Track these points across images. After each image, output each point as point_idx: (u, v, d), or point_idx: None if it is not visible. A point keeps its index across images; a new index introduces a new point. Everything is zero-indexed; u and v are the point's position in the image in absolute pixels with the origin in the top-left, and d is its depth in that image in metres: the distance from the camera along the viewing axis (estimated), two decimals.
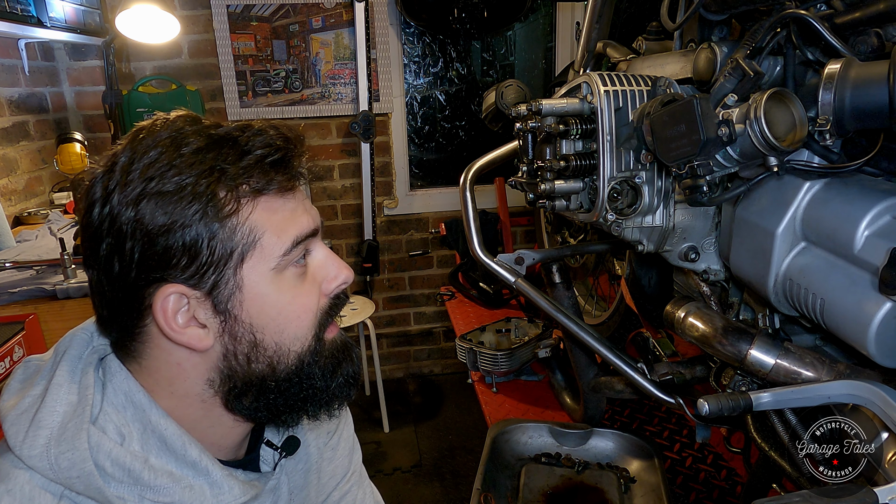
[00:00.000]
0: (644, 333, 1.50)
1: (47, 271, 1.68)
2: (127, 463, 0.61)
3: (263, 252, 0.64)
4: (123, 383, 0.66)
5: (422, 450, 2.85)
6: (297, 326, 0.68)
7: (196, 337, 0.64)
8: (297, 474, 0.83)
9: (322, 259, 0.72)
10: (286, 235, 0.66)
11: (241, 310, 0.65)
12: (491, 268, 1.31)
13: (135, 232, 0.60)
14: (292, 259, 0.67)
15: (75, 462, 0.59)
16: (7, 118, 2.33)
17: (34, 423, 0.60)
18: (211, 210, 0.61)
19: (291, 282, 0.67)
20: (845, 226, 0.69)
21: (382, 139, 3.18)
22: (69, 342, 0.68)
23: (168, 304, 0.62)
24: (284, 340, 0.68)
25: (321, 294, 0.71)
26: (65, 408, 0.62)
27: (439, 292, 3.14)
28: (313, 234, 0.70)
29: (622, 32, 1.94)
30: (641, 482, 1.37)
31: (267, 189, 0.64)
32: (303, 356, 0.69)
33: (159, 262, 0.61)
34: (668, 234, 1.00)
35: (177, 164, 0.61)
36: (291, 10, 2.93)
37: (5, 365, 1.22)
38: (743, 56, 0.78)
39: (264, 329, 0.66)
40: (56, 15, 2.19)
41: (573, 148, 1.03)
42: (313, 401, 0.72)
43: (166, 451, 0.65)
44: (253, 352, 0.66)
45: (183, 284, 0.62)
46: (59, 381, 0.63)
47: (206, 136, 0.64)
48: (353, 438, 0.99)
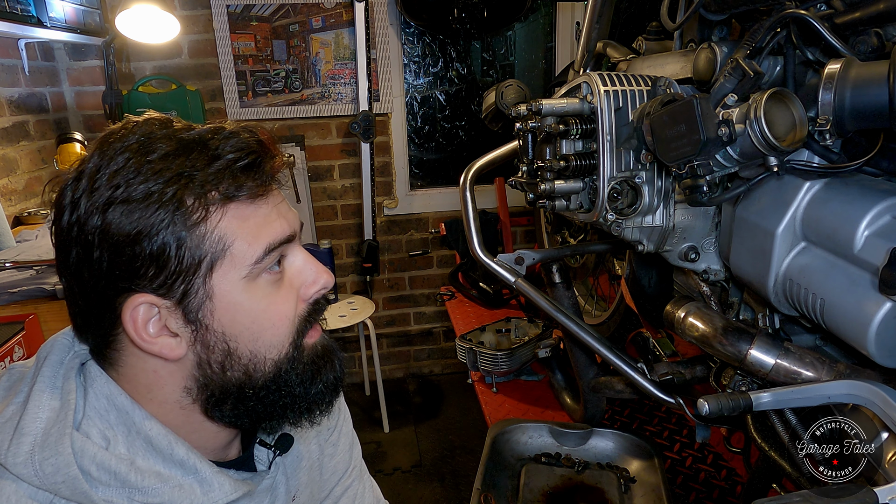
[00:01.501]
0: (644, 333, 1.50)
1: (47, 271, 1.68)
2: (112, 466, 0.61)
3: (234, 260, 0.63)
4: (105, 387, 0.65)
5: (422, 450, 2.86)
6: (272, 335, 0.66)
7: (168, 346, 0.63)
8: (299, 472, 0.83)
9: (299, 264, 0.70)
10: (258, 243, 0.64)
11: (213, 319, 0.63)
12: (491, 268, 1.31)
13: (102, 240, 0.59)
14: (265, 266, 0.65)
15: (59, 467, 0.58)
16: (7, 118, 2.33)
17: (17, 431, 0.60)
18: (178, 218, 0.60)
19: (266, 289, 0.66)
20: (845, 226, 0.69)
21: (382, 139, 3.18)
22: (50, 348, 0.68)
23: (138, 314, 0.62)
24: (259, 349, 0.66)
25: (299, 300, 0.69)
26: (47, 413, 0.61)
27: (439, 292, 3.14)
28: (288, 241, 0.67)
29: (622, 32, 1.95)
30: (641, 482, 1.37)
31: (237, 195, 0.63)
32: (280, 363, 0.68)
33: (127, 272, 0.60)
34: (668, 234, 1.00)
35: (144, 170, 0.60)
36: (291, 10, 2.93)
37: (5, 365, 1.22)
38: (743, 56, 0.78)
39: (238, 338, 0.65)
40: (56, 15, 2.19)
41: (573, 148, 1.03)
42: (293, 408, 0.70)
43: (153, 451, 0.65)
44: (227, 360, 0.65)
45: (152, 294, 0.61)
46: (40, 388, 0.63)
47: (176, 141, 0.62)
48: (352, 434, 0.99)
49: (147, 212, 0.59)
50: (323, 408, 0.73)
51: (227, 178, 0.62)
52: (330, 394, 0.73)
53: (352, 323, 2.82)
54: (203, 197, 0.61)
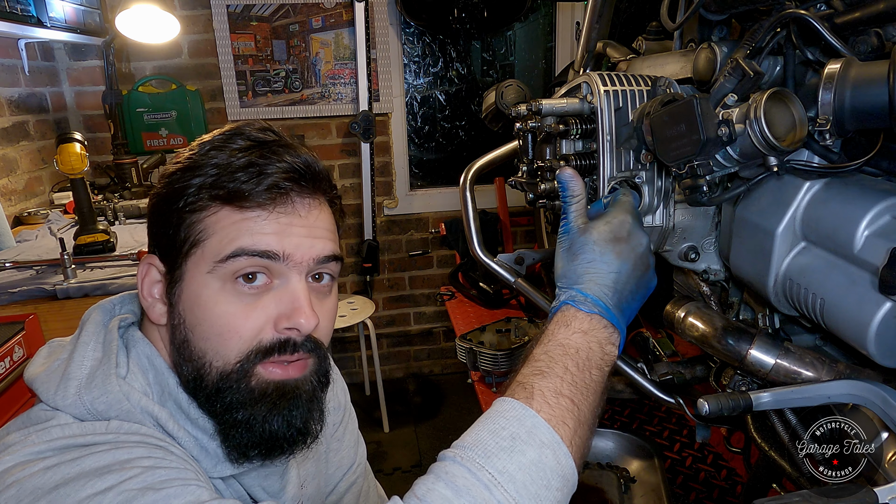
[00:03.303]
0: (644, 333, 1.50)
1: (47, 271, 1.68)
2: (155, 412, 0.65)
3: (204, 253, 0.67)
4: (146, 348, 0.70)
5: (422, 450, 2.85)
6: (218, 343, 0.66)
7: (156, 311, 0.70)
8: (307, 463, 0.85)
9: (289, 293, 0.68)
10: (231, 245, 0.65)
11: (180, 301, 0.69)
12: (491, 268, 1.30)
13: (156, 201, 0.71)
14: (231, 270, 0.65)
15: (111, 404, 0.63)
16: (7, 118, 2.33)
17: (64, 378, 0.65)
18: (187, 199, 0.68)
19: (231, 297, 0.66)
20: (845, 226, 0.69)
21: (382, 139, 3.18)
22: (92, 311, 0.73)
23: (144, 272, 0.71)
24: (208, 350, 0.67)
25: (266, 325, 0.67)
26: (91, 362, 0.66)
27: (439, 292, 3.14)
28: (268, 257, 0.66)
29: (622, 32, 1.95)
30: (641, 482, 1.37)
31: (237, 200, 0.67)
32: (223, 377, 0.66)
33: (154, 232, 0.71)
34: (668, 234, 1.00)
35: (209, 153, 0.69)
36: (291, 10, 2.93)
37: (5, 365, 1.22)
38: (743, 56, 0.78)
39: (193, 330, 0.68)
40: (56, 15, 2.19)
41: (573, 148, 1.02)
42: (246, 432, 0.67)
43: (182, 414, 0.68)
44: (184, 347, 0.68)
45: (159, 259, 0.71)
46: (84, 341, 0.68)
47: (252, 140, 0.70)
48: (357, 433, 1.01)
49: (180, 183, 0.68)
50: (284, 448, 0.69)
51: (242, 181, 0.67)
52: (283, 439, 0.68)
53: (352, 323, 2.82)
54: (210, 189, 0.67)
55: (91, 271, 1.68)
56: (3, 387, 1.20)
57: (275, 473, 0.75)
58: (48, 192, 2.58)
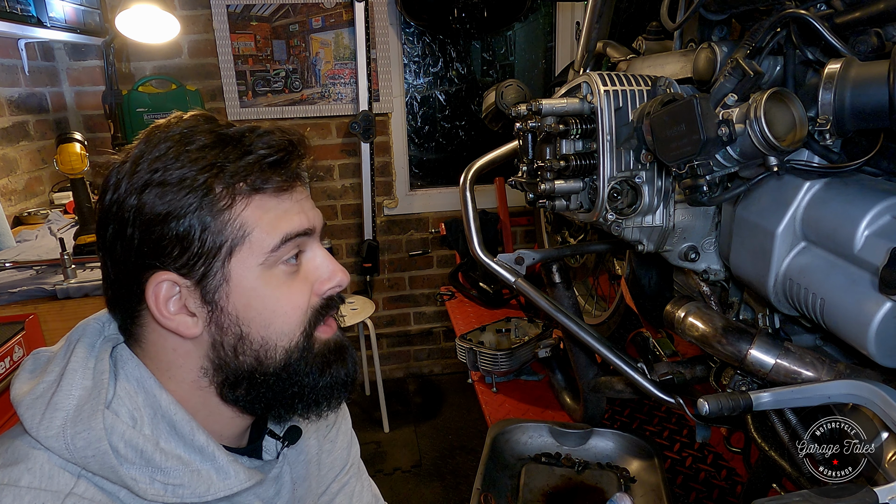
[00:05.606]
0: (644, 333, 1.50)
1: (47, 271, 1.68)
2: (140, 445, 0.64)
3: (252, 247, 0.67)
4: (135, 370, 0.69)
5: (422, 450, 2.85)
6: (283, 322, 0.69)
7: (184, 324, 0.67)
8: (298, 465, 0.85)
9: (317, 260, 0.73)
10: (276, 233, 0.68)
11: (228, 302, 0.67)
12: (491, 268, 1.31)
13: (136, 219, 0.64)
14: (281, 256, 0.69)
15: (91, 441, 0.61)
16: (7, 118, 2.33)
17: (50, 406, 0.63)
18: (206, 203, 0.64)
19: (280, 279, 0.69)
20: (845, 226, 0.69)
21: (382, 139, 3.18)
22: (82, 331, 0.71)
23: (160, 291, 0.66)
24: (271, 335, 0.69)
25: (313, 293, 0.72)
26: (80, 392, 0.64)
27: (439, 292, 3.14)
28: (306, 234, 0.71)
29: (622, 32, 1.94)
30: (641, 482, 1.37)
31: (263, 188, 0.67)
32: (290, 352, 0.70)
33: (154, 250, 0.65)
34: (668, 234, 1.00)
35: (181, 158, 0.65)
36: (291, 10, 2.93)
37: (5, 365, 1.22)
38: (743, 56, 0.78)
39: (250, 322, 0.68)
40: (56, 15, 2.19)
41: (573, 148, 1.03)
42: (302, 398, 0.72)
43: (175, 435, 0.67)
44: (240, 344, 0.68)
45: (175, 273, 0.66)
46: (73, 367, 0.66)
47: (215, 135, 0.67)
48: (350, 433, 1.01)
49: (178, 195, 0.64)
50: (332, 402, 0.75)
51: (255, 172, 0.66)
52: (339, 389, 0.75)
53: (352, 323, 2.82)
54: (231, 187, 0.66)
55: (91, 271, 1.68)
56: (3, 387, 1.20)
57: (269, 479, 0.76)
58: (48, 192, 2.58)
